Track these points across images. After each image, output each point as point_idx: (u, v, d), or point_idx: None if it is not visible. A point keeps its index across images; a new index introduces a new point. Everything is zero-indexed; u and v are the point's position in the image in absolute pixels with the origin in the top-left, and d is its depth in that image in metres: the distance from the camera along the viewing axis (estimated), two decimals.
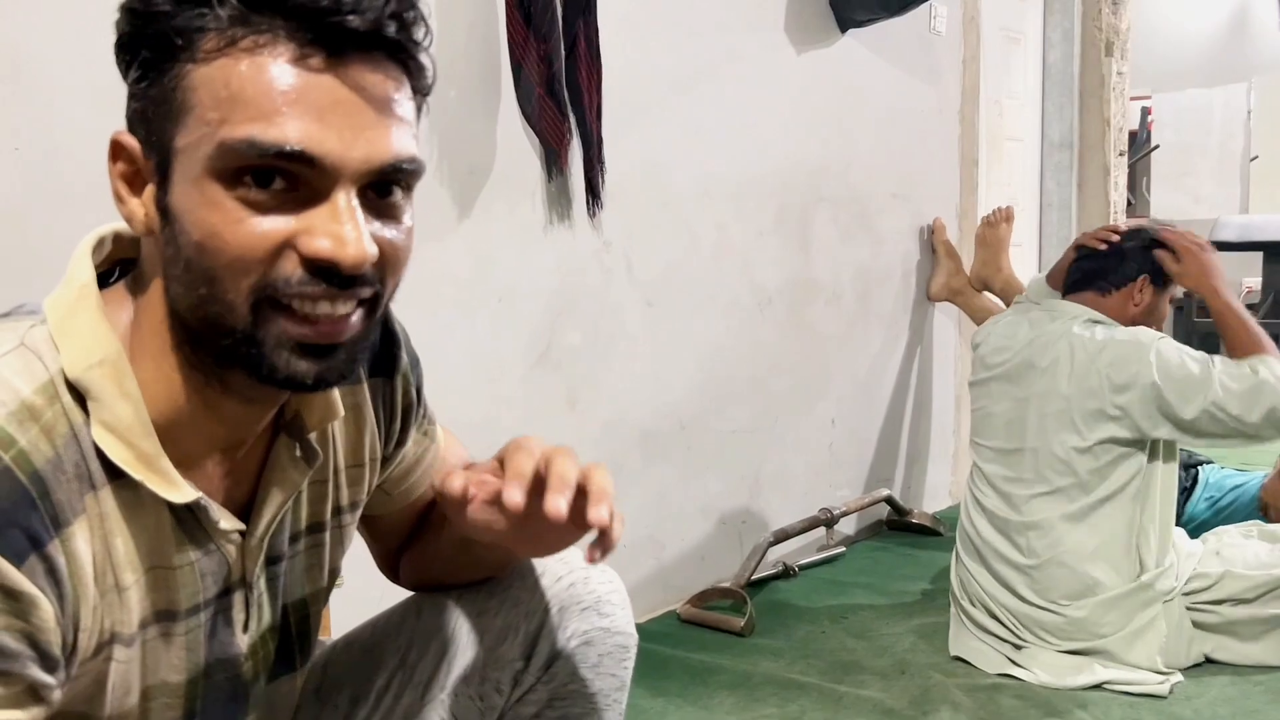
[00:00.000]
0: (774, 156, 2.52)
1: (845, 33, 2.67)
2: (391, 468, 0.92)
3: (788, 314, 2.60)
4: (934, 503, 3.19)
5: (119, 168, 0.71)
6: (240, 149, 0.64)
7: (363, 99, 0.66)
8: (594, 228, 2.09)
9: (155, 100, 0.67)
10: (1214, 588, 1.97)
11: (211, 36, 0.65)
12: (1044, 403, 2.00)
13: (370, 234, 0.67)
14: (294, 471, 0.79)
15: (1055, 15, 3.78)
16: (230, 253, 0.65)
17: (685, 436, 2.35)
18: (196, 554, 0.75)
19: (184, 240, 0.66)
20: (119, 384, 0.69)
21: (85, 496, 0.68)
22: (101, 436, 0.68)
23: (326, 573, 0.88)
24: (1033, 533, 2.00)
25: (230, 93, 0.64)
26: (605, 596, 0.94)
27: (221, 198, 0.65)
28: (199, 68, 0.65)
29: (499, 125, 1.91)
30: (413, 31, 0.69)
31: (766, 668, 2.01)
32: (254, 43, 0.65)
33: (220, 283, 0.66)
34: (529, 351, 2.01)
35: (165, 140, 0.67)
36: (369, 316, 0.71)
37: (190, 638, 0.76)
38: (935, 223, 3.08)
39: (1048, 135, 3.82)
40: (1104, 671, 1.92)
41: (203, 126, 0.65)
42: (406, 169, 0.69)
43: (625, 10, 2.08)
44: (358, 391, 0.86)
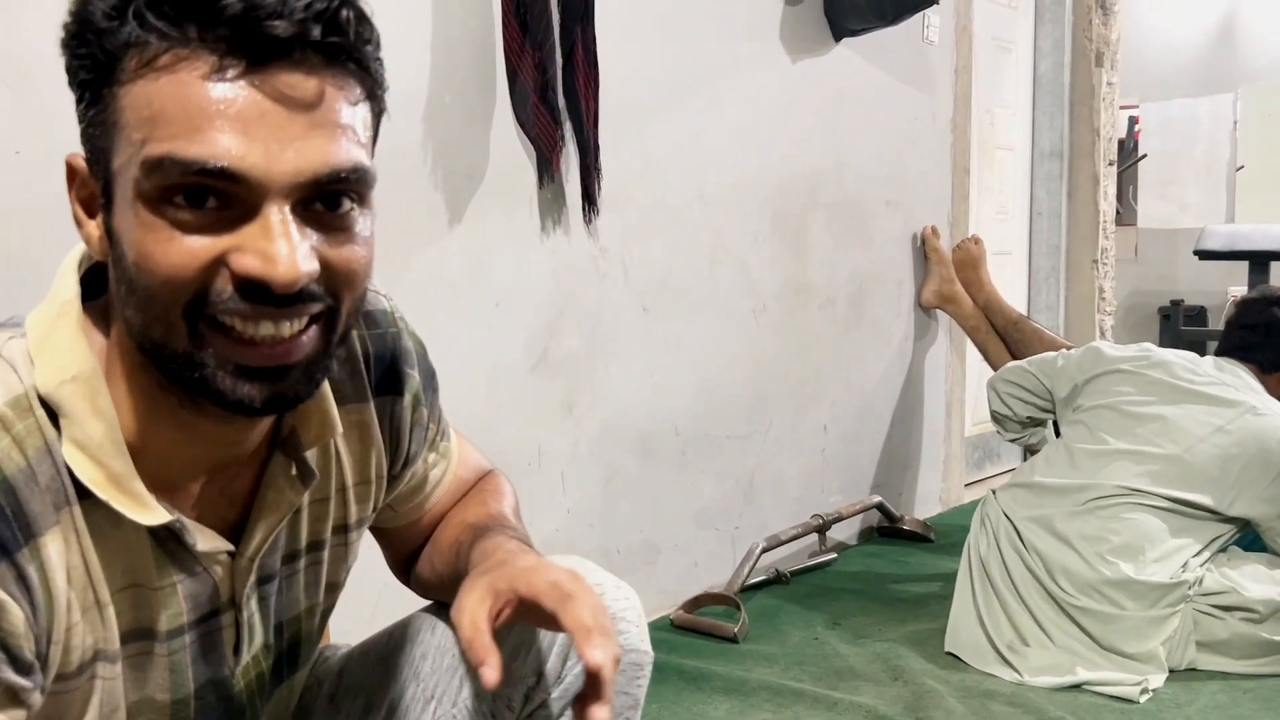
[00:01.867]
0: (769, 163, 2.53)
1: (839, 41, 2.68)
2: (400, 485, 0.92)
3: (782, 319, 2.61)
4: (925, 509, 3.21)
5: (75, 191, 0.69)
6: (162, 167, 0.62)
7: (291, 109, 0.63)
8: (590, 233, 2.10)
9: (95, 123, 0.65)
10: (1226, 594, 2.00)
11: (134, 55, 0.62)
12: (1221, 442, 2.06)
13: (311, 248, 0.64)
14: (289, 491, 0.77)
15: (1046, 25, 3.81)
16: (162, 273, 0.63)
17: (680, 441, 2.35)
18: (180, 576, 0.73)
19: (125, 263, 0.65)
20: (91, 401, 0.67)
21: (60, 510, 0.67)
22: (72, 454, 0.67)
23: (324, 588, 0.87)
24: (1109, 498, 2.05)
25: (152, 111, 0.62)
26: (620, 614, 0.92)
27: (151, 219, 0.63)
28: (125, 88, 0.63)
29: (496, 131, 1.91)
30: (349, 32, 0.64)
31: (760, 674, 2.01)
32: (174, 57, 0.62)
33: (157, 303, 0.64)
34: (526, 356, 2.01)
35: (106, 163, 0.65)
36: (326, 333, 0.68)
37: (174, 659, 0.75)
38: (926, 230, 3.09)
39: (1038, 144, 3.85)
40: (1085, 673, 1.96)
41: (129, 147, 0.63)
42: (349, 178, 0.65)
43: (623, 18, 2.09)
44: (364, 409, 0.85)
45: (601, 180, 2.06)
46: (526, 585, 0.77)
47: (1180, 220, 7.08)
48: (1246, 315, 2.26)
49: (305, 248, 0.64)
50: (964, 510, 3.16)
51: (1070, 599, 2.00)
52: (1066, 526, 2.06)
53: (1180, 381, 2.15)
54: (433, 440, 0.93)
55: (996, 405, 2.45)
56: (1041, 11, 3.81)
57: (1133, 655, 1.96)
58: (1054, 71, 3.81)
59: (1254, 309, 2.26)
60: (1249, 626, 1.98)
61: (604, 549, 2.19)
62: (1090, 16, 3.79)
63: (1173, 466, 2.05)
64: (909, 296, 3.08)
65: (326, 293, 0.66)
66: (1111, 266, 3.94)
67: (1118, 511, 2.04)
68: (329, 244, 0.66)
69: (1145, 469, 2.06)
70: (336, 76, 0.65)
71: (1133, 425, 2.12)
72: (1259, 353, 2.21)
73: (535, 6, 1.88)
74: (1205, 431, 2.06)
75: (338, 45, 0.64)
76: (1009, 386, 2.42)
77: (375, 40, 0.67)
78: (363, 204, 0.68)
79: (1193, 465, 2.04)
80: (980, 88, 3.35)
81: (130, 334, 0.68)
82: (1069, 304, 3.90)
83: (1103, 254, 3.89)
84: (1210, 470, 2.04)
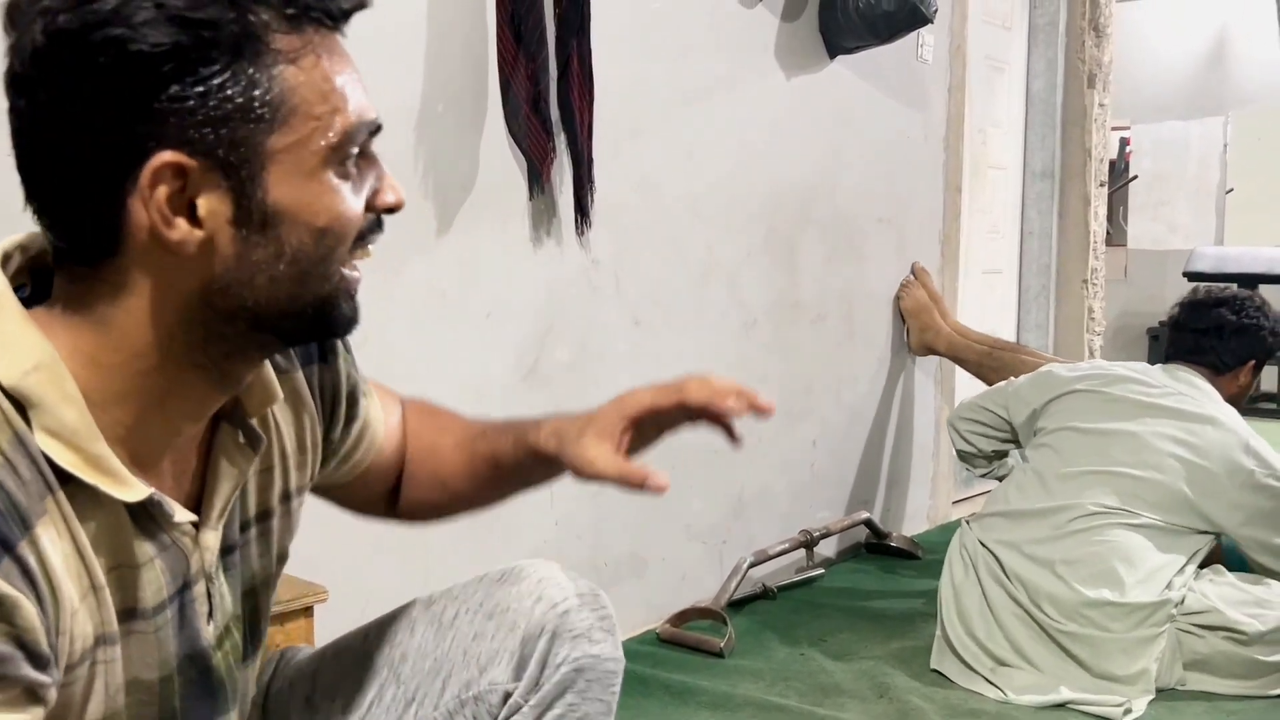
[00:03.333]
0: (762, 178, 2.54)
1: (834, 59, 2.69)
2: (352, 441, 0.95)
3: (773, 334, 2.62)
4: (913, 526, 3.21)
5: (164, 191, 0.66)
6: (358, 132, 0.71)
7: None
8: (583, 246, 2.10)
9: (236, 111, 0.66)
10: (1207, 614, 2.00)
11: (281, 38, 0.68)
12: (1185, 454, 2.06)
13: None
14: (240, 458, 0.80)
15: (1040, 46, 3.83)
16: (352, 226, 0.72)
17: (669, 455, 2.33)
18: (155, 550, 0.75)
19: (301, 233, 0.70)
20: (59, 388, 0.68)
21: (45, 499, 0.67)
22: (46, 442, 0.67)
23: (275, 558, 0.89)
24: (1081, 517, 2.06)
25: (333, 85, 0.70)
26: (597, 624, 0.94)
27: (337, 183, 0.71)
28: (287, 68, 0.68)
29: (489, 142, 1.92)
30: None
31: (746, 689, 2.01)
32: (318, 35, 0.70)
33: (331, 259, 0.72)
34: (517, 367, 2.01)
35: (254, 145, 0.67)
36: None
37: (160, 635, 0.76)
38: (908, 276, 3.07)
39: (1030, 164, 3.87)
40: (1069, 693, 1.96)
41: (311, 121, 0.69)
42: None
43: (619, 32, 2.10)
44: (295, 378, 0.88)
45: (595, 193, 2.06)
46: (633, 406, 0.93)
47: (1170, 241, 7.13)
48: (1196, 319, 2.25)
49: None
50: (952, 527, 3.15)
51: (1057, 624, 1.99)
52: (1048, 551, 2.05)
53: (1139, 396, 2.15)
54: (364, 390, 0.97)
55: (960, 444, 2.45)
56: (1035, 32, 3.83)
57: (1122, 678, 1.96)
58: (1046, 92, 3.83)
59: (1202, 312, 2.25)
60: (1232, 646, 1.98)
61: (592, 562, 2.19)
62: (1083, 39, 3.82)
63: (1144, 483, 2.05)
64: (900, 313, 3.09)
65: None
66: (1101, 287, 3.96)
67: (1097, 533, 2.03)
68: None
69: (1118, 487, 2.06)
70: None
71: (1099, 445, 2.12)
72: (1210, 355, 2.22)
73: (530, 18, 1.88)
74: (1170, 445, 2.06)
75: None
76: (967, 424, 2.42)
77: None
78: None
79: (1163, 480, 2.04)
80: (973, 107, 3.37)
81: (261, 313, 0.71)
82: (1058, 324, 3.91)
83: (1093, 274, 3.90)
84: (1179, 484, 2.04)
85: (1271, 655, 1.98)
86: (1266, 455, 2.06)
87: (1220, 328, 2.21)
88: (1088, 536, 2.04)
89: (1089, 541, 2.03)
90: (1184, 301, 2.33)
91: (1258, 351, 2.24)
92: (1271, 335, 2.24)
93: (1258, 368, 2.24)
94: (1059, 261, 3.89)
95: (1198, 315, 2.25)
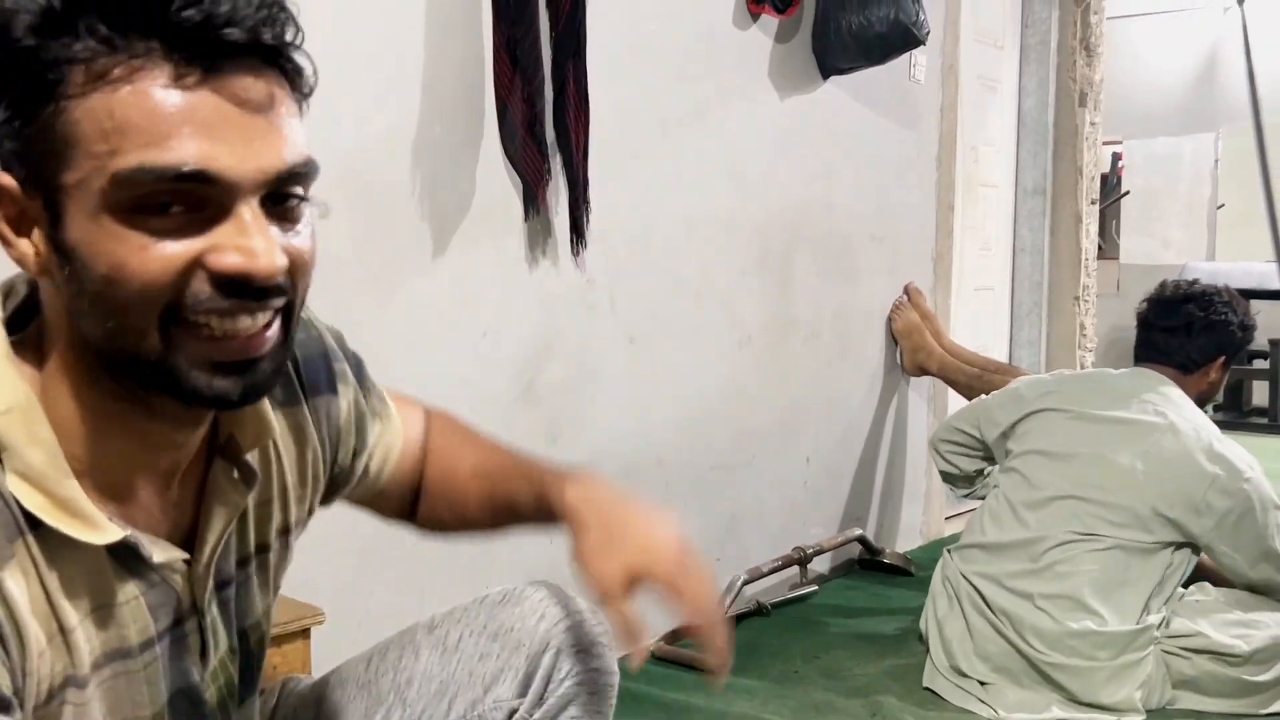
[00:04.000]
0: (757, 198, 2.56)
1: (827, 79, 2.72)
2: (362, 469, 0.96)
3: (767, 352, 2.63)
4: (906, 542, 3.22)
5: (1, 211, 0.68)
6: (136, 177, 0.63)
7: (248, 110, 0.66)
8: (578, 265, 2.11)
9: (33, 139, 0.65)
10: (1192, 637, 2.01)
11: (81, 68, 0.63)
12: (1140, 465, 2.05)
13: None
14: (234, 494, 0.79)
15: (1031, 65, 3.87)
16: (138, 281, 0.64)
17: (664, 472, 2.37)
18: (141, 588, 0.74)
19: (88, 276, 0.65)
20: (29, 430, 0.68)
21: (12, 544, 0.67)
22: (16, 485, 0.67)
23: (271, 590, 0.90)
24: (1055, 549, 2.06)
25: (115, 123, 0.63)
26: (598, 639, 0.96)
27: (122, 230, 0.64)
28: (76, 101, 0.63)
29: (485, 164, 1.93)
30: (285, 34, 0.67)
31: (740, 707, 2.02)
32: (129, 68, 0.63)
33: (129, 312, 0.65)
34: (512, 386, 2.02)
35: (51, 178, 0.65)
36: (285, 326, 0.71)
37: (149, 672, 0.76)
38: (900, 296, 3.09)
39: (1022, 182, 3.90)
40: (1059, 711, 1.97)
41: (91, 160, 0.63)
42: (303, 173, 0.69)
43: (615, 54, 2.12)
44: (298, 412, 0.87)
45: (590, 213, 2.08)
46: (646, 570, 0.88)
47: (1162, 256, 7.17)
48: (1163, 316, 2.20)
49: (277, 243, 0.68)
50: (945, 543, 3.17)
51: (1043, 656, 2.00)
52: (1027, 585, 2.05)
53: (1100, 411, 2.13)
54: (376, 412, 0.97)
55: (942, 466, 2.45)
56: (1027, 52, 3.86)
57: (1110, 705, 1.96)
58: (1038, 111, 3.86)
59: (1170, 309, 2.20)
60: (1219, 667, 1.99)
61: None
62: (1074, 58, 3.85)
63: (1110, 506, 2.04)
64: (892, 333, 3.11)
65: (289, 285, 0.70)
66: (1093, 303, 3.99)
67: (1070, 563, 2.02)
68: (285, 236, 0.69)
69: (1087, 511, 2.05)
70: (277, 76, 0.68)
71: (1064, 470, 2.10)
72: (1178, 354, 2.18)
73: (526, 41, 1.90)
74: (1133, 461, 2.04)
75: (280, 48, 0.68)
76: (948, 446, 2.42)
77: (301, 38, 0.70)
78: (306, 196, 0.72)
79: (1128, 500, 2.03)
80: (965, 126, 3.40)
81: (88, 346, 0.68)
82: (1050, 340, 3.93)
83: (1084, 291, 3.93)
84: (1146, 499, 2.02)
85: (1259, 675, 1.99)
86: (1232, 459, 2.02)
87: (1189, 325, 2.17)
88: (1063, 568, 2.03)
89: (1064, 573, 2.02)
90: (1152, 297, 2.27)
91: (1227, 348, 2.19)
92: (1241, 329, 2.19)
93: (1227, 364, 2.20)
94: (1051, 278, 3.91)
95: (1165, 313, 2.20)
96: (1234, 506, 2.00)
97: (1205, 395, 2.22)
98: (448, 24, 1.84)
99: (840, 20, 2.59)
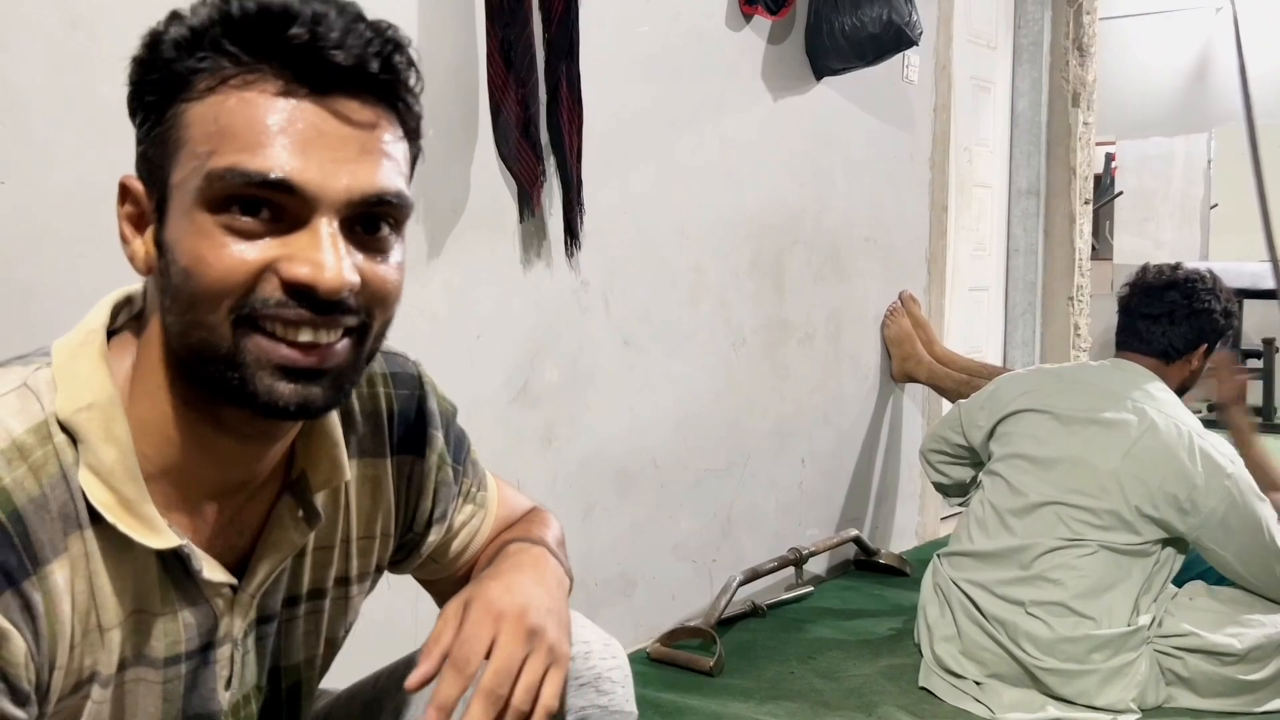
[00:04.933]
0: (751, 199, 2.56)
1: (820, 80, 2.72)
2: (434, 539, 0.94)
3: (761, 354, 2.63)
4: (901, 543, 3.23)
5: (125, 210, 0.73)
6: (226, 178, 0.66)
7: (346, 132, 0.68)
8: (572, 267, 2.12)
9: (156, 142, 0.70)
10: (1185, 637, 2.01)
11: (204, 77, 0.68)
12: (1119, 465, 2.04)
13: (354, 264, 0.69)
14: (294, 532, 0.79)
15: (1024, 66, 3.87)
16: (213, 275, 0.67)
17: (659, 474, 2.37)
18: (182, 603, 0.75)
19: (174, 270, 0.68)
20: (106, 428, 0.70)
21: (69, 536, 0.69)
22: (86, 479, 0.69)
23: (323, 641, 0.88)
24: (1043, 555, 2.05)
25: (219, 126, 0.67)
26: (605, 673, 0.93)
27: (209, 226, 0.67)
28: (193, 105, 0.68)
29: (480, 165, 1.93)
30: (399, 73, 0.71)
31: (736, 708, 2.02)
32: (243, 80, 0.67)
33: (203, 305, 0.68)
34: (506, 388, 2.02)
35: (164, 178, 0.69)
36: (357, 347, 0.72)
37: (169, 687, 0.76)
38: (894, 303, 3.09)
39: (1015, 182, 3.90)
40: (1055, 710, 1.97)
41: (194, 160, 0.67)
42: (391, 203, 0.71)
43: (608, 56, 2.12)
44: (380, 465, 0.87)
45: (584, 215, 2.08)
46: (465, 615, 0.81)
47: (1156, 256, 7.15)
48: (1146, 304, 2.16)
49: (349, 261, 0.69)
50: (940, 544, 3.18)
51: (1038, 662, 2.00)
52: (1018, 593, 2.05)
53: (1079, 413, 2.11)
54: (468, 493, 0.96)
55: (934, 477, 2.44)
56: (1019, 52, 3.87)
57: (1105, 707, 1.97)
58: (1031, 111, 3.87)
59: (1152, 297, 2.16)
60: (1213, 666, 1.99)
61: (581, 581, 2.19)
62: (1067, 58, 3.86)
63: (1093, 510, 2.03)
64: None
65: (361, 308, 0.71)
66: (1087, 303, 3.99)
67: (1058, 570, 2.02)
68: (367, 263, 0.71)
69: (1073, 517, 2.04)
70: (386, 111, 0.71)
71: (1046, 474, 2.09)
72: (1159, 343, 2.14)
73: (520, 43, 1.90)
74: (1115, 463, 2.03)
75: (390, 83, 0.70)
76: (936, 456, 2.41)
77: (421, 87, 0.73)
78: (398, 231, 0.73)
79: (1111, 503, 2.02)
80: (959, 126, 3.40)
81: (170, 341, 0.71)
82: (1045, 340, 3.94)
83: (1078, 291, 3.94)
84: (1130, 501, 2.01)
85: (1253, 674, 2.00)
86: (1214, 455, 2.01)
87: (1171, 314, 2.13)
88: (1053, 574, 2.02)
89: (1054, 580, 2.02)
90: (1134, 283, 2.21)
91: (1209, 336, 2.15)
92: (1224, 316, 2.15)
93: (1209, 351, 2.17)
94: (1045, 278, 3.92)
95: (1148, 301, 2.16)
96: (1218, 504, 1.98)
97: (1187, 383, 2.19)
98: (440, 26, 1.84)
99: (833, 21, 2.59)
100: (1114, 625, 1.98)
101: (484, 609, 0.80)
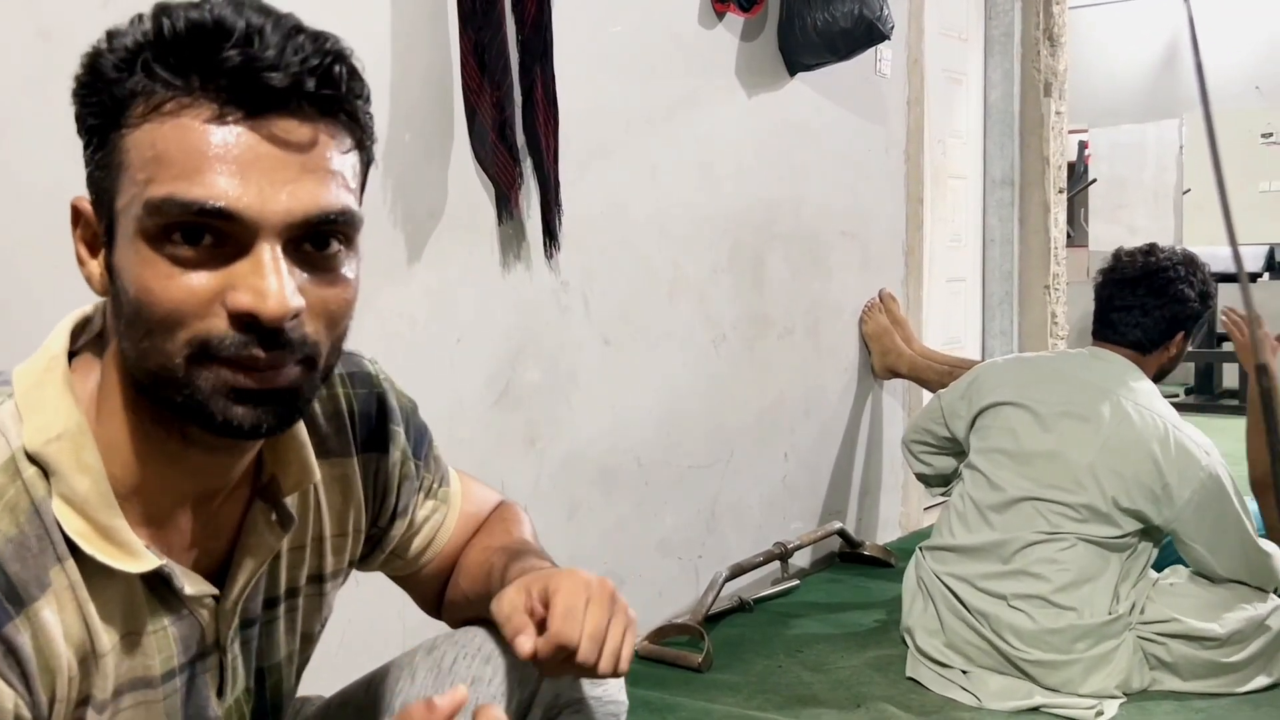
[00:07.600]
0: (727, 196, 2.57)
1: (794, 76, 2.73)
2: (396, 534, 0.95)
3: (742, 349, 2.64)
4: (885, 534, 3.24)
5: (79, 231, 0.73)
6: (164, 207, 0.65)
7: (285, 153, 0.67)
8: (551, 268, 2.12)
9: (101, 165, 0.69)
10: (1167, 623, 2.03)
11: (140, 102, 0.67)
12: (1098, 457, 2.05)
13: (298, 286, 0.68)
14: (269, 536, 0.80)
15: (996, 57, 3.90)
16: (163, 307, 0.66)
17: (643, 472, 2.37)
18: (169, 619, 0.75)
19: (125, 297, 0.68)
20: (76, 457, 0.70)
21: (52, 570, 0.68)
22: (60, 510, 0.69)
23: (299, 637, 0.89)
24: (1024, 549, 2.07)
25: (155, 153, 0.66)
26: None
27: (152, 255, 0.66)
28: (131, 132, 0.67)
29: (456, 169, 1.93)
30: (340, 85, 0.69)
31: (725, 703, 2.03)
32: (177, 105, 0.66)
33: (156, 335, 0.67)
34: (488, 390, 2.02)
35: (110, 203, 0.69)
36: (309, 371, 0.71)
37: (169, 703, 0.76)
38: (872, 301, 3.09)
39: (990, 173, 3.93)
40: (1041, 698, 1.99)
41: (133, 187, 0.67)
42: (337, 220, 0.69)
43: (582, 56, 2.12)
44: (347, 464, 0.88)
45: (562, 216, 2.08)
46: (552, 590, 0.84)
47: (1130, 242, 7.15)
48: (1122, 296, 2.15)
49: (293, 284, 0.68)
50: (924, 535, 3.20)
51: (1021, 654, 2.01)
52: (1000, 587, 2.06)
53: (1056, 408, 2.12)
54: (429, 489, 0.97)
55: (917, 468, 2.45)
56: (991, 44, 3.90)
57: (1089, 694, 1.99)
58: (1004, 102, 3.90)
59: (1126, 289, 2.14)
60: (1194, 650, 2.01)
61: None
62: (1038, 48, 3.89)
63: (1070, 504, 2.04)
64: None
65: (308, 337, 0.70)
66: (1064, 291, 4.02)
67: (1040, 564, 2.03)
68: (316, 282, 0.70)
69: (1051, 510, 2.05)
70: (329, 126, 0.70)
71: (1024, 469, 2.10)
72: (1135, 332, 2.13)
73: (494, 46, 1.90)
74: (1090, 457, 2.04)
75: (330, 97, 0.69)
76: (919, 446, 2.41)
77: (366, 94, 0.72)
78: (349, 246, 0.73)
79: (1089, 497, 2.03)
80: (932, 119, 3.42)
81: (127, 364, 0.71)
82: (1022, 329, 3.97)
83: (1055, 279, 3.96)
84: (1106, 494, 2.02)
85: (1234, 656, 2.02)
86: (1188, 445, 2.02)
87: (1143, 307, 2.12)
88: (1033, 569, 2.04)
89: (1035, 574, 2.03)
90: (1106, 272, 2.21)
91: (1185, 323, 2.14)
92: (1199, 300, 2.13)
93: (1187, 337, 2.16)
94: (1021, 268, 3.95)
95: (1120, 293, 2.16)
96: (1192, 494, 2.00)
97: (1165, 369, 2.20)
98: (414, 30, 1.84)
99: (805, 17, 2.60)
100: (1095, 615, 2.00)
101: (573, 583, 0.85)
